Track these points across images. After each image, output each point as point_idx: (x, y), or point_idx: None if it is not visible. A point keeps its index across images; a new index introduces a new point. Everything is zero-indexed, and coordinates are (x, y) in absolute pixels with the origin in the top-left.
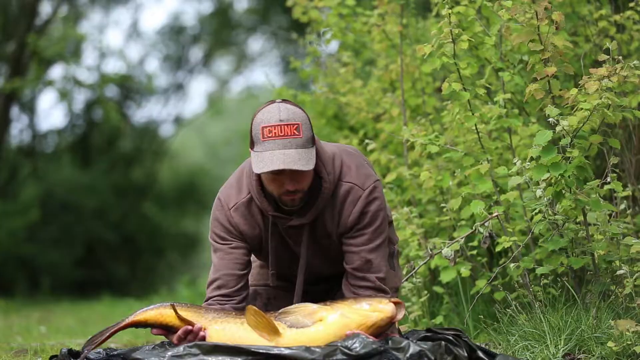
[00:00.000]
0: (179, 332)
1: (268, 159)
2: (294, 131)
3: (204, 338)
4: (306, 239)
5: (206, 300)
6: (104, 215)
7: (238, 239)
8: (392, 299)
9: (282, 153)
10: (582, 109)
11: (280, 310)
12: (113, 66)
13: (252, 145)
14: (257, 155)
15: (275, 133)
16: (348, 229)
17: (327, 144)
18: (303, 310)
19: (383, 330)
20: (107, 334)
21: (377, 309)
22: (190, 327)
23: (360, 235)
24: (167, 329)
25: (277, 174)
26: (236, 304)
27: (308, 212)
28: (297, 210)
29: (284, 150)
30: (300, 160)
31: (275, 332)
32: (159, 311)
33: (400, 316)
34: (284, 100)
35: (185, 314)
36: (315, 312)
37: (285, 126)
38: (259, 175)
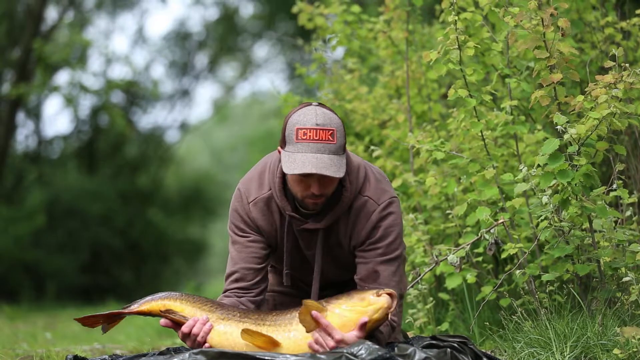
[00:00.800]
0: (183, 327)
1: (300, 160)
2: (329, 136)
3: (208, 332)
4: (320, 244)
5: (224, 292)
6: (109, 221)
7: (255, 233)
8: (384, 291)
9: (314, 157)
10: (590, 117)
11: (276, 321)
12: (119, 72)
13: (282, 144)
14: (288, 155)
15: (310, 136)
16: (360, 242)
17: (353, 155)
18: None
19: (380, 324)
20: (107, 313)
21: (370, 302)
22: (194, 322)
23: (373, 250)
24: (174, 322)
25: (306, 177)
26: (254, 297)
27: (324, 218)
28: (314, 214)
29: (316, 154)
30: (332, 166)
31: (273, 344)
32: (163, 303)
33: (394, 305)
34: (320, 104)
35: (190, 310)
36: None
37: (321, 131)
38: (283, 174)
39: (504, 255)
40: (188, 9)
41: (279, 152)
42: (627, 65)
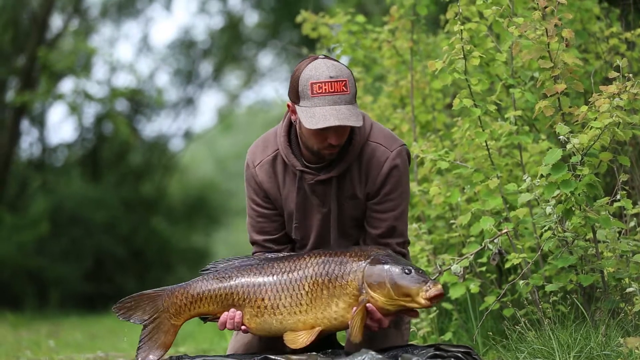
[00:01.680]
0: (219, 326)
1: (320, 114)
2: (343, 87)
3: (240, 321)
4: (334, 192)
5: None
6: (113, 229)
7: (264, 202)
8: (435, 289)
9: (334, 109)
10: (592, 127)
11: (313, 303)
12: (123, 80)
13: (296, 100)
14: (306, 110)
15: (325, 89)
16: (375, 190)
17: None
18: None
19: None
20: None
21: (415, 300)
22: (225, 319)
23: (386, 201)
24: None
25: (324, 130)
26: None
27: (336, 166)
28: (324, 166)
29: (334, 106)
30: (352, 116)
31: (314, 330)
32: (198, 312)
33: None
34: (326, 56)
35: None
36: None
37: (335, 82)
38: (287, 131)
39: (507, 265)
40: (193, 17)
41: (290, 107)
42: (631, 76)
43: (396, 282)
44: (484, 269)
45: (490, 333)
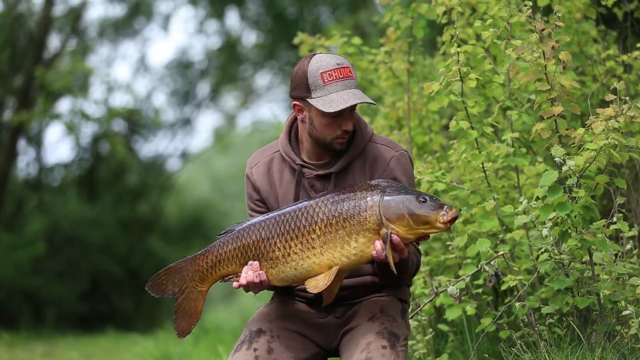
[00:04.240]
0: (241, 282)
1: (338, 98)
2: (349, 73)
3: (259, 269)
4: (332, 186)
5: None
6: (109, 249)
7: (257, 207)
8: (450, 214)
9: (349, 92)
10: (588, 149)
11: (327, 243)
12: (120, 100)
13: (307, 93)
14: (321, 99)
15: (335, 76)
16: None
17: None
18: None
19: None
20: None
21: (433, 226)
22: (245, 273)
23: None
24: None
25: (336, 117)
26: None
27: (336, 163)
28: (324, 163)
29: (347, 90)
30: (364, 97)
31: (329, 270)
32: (220, 274)
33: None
34: (319, 53)
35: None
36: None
37: (343, 69)
38: (287, 131)
39: (503, 287)
40: (190, 37)
41: (296, 106)
42: (627, 98)
43: (415, 212)
44: (480, 290)
45: (487, 355)
